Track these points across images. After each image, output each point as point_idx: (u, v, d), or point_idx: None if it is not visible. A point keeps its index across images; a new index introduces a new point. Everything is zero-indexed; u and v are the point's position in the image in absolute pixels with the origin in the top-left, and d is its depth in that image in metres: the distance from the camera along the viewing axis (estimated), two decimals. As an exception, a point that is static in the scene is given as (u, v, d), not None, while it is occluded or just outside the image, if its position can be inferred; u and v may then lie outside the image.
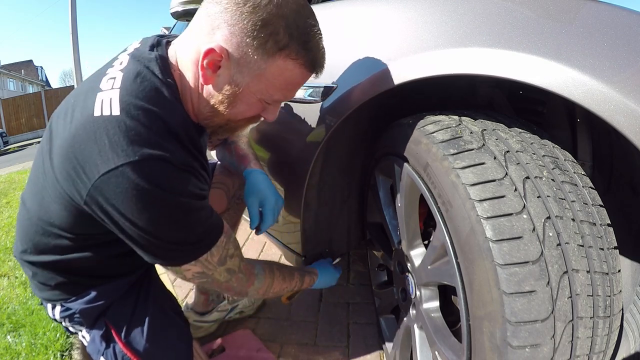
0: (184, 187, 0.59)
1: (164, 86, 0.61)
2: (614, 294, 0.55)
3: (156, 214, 0.57)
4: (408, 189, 0.78)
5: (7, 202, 3.23)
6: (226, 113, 0.67)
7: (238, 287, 0.76)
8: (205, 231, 0.65)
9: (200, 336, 1.22)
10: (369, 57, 0.74)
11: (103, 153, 0.54)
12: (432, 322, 0.78)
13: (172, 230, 0.60)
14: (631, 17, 0.53)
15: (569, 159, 0.62)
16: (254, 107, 0.67)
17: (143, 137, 0.55)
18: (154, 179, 0.55)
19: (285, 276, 0.88)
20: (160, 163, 0.56)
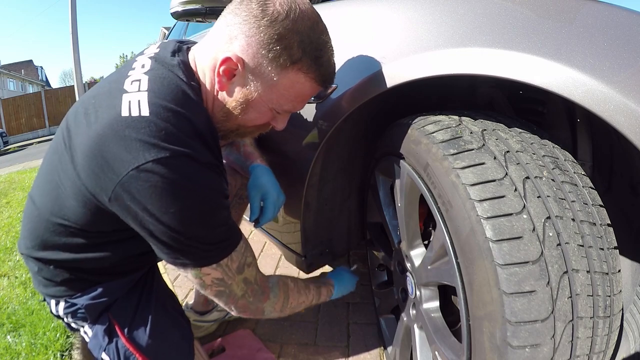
0: (211, 182, 0.62)
1: (190, 89, 0.64)
2: (614, 294, 0.55)
3: (182, 207, 0.58)
4: (408, 189, 0.78)
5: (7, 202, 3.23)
6: (238, 119, 0.70)
7: (254, 303, 0.75)
8: (228, 232, 0.66)
9: (200, 336, 1.22)
10: (369, 57, 0.74)
11: (133, 150, 0.56)
12: (432, 322, 0.78)
13: (196, 226, 0.61)
14: (631, 17, 0.53)
15: (569, 159, 0.62)
16: (265, 115, 0.70)
17: (172, 137, 0.57)
18: (183, 173, 0.57)
19: (300, 289, 0.87)
20: (188, 160, 0.58)
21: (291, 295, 0.83)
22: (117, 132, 0.57)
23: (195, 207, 0.59)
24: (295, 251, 1.13)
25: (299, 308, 0.86)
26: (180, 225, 0.59)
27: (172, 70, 0.65)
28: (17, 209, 2.88)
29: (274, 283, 0.80)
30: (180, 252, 0.62)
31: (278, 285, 0.81)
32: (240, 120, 0.70)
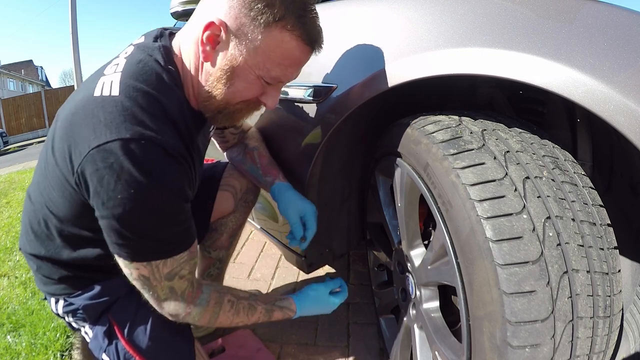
0: (170, 178, 0.59)
1: (164, 72, 0.63)
2: (614, 294, 0.55)
3: (131, 198, 0.56)
4: (408, 189, 0.78)
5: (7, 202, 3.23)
6: (224, 92, 0.66)
7: (172, 310, 0.70)
8: (173, 237, 0.64)
9: (200, 336, 1.22)
10: (369, 57, 0.74)
11: (97, 129, 0.55)
12: (432, 322, 0.78)
13: (140, 221, 0.59)
14: (631, 17, 0.53)
15: (569, 159, 0.62)
16: (252, 85, 0.66)
17: (138, 117, 0.56)
18: (143, 159, 0.55)
19: (240, 311, 0.78)
20: (151, 145, 0.56)
21: (222, 315, 0.76)
22: (86, 112, 0.57)
23: (144, 201, 0.57)
24: (295, 251, 1.13)
25: (235, 325, 0.80)
26: (124, 214, 0.57)
27: (150, 54, 0.64)
28: (17, 209, 2.88)
29: (204, 300, 0.73)
30: (116, 238, 0.60)
31: (208, 304, 0.73)
32: (227, 95, 0.66)
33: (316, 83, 0.86)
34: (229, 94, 0.66)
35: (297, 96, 0.92)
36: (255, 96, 0.69)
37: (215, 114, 0.71)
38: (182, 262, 0.66)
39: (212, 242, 1.12)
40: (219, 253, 1.14)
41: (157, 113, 0.58)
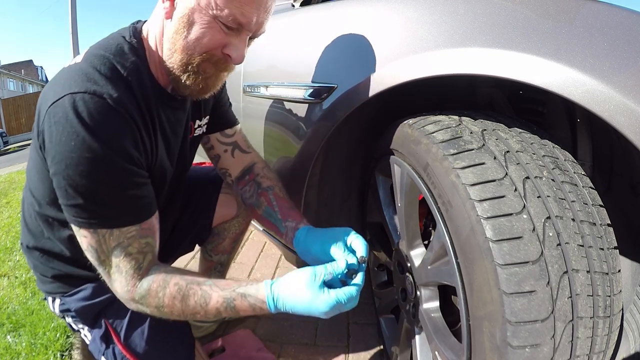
0: (109, 132, 0.58)
1: (126, 43, 0.66)
2: (614, 294, 0.55)
3: (70, 149, 0.56)
4: (408, 189, 0.78)
5: (7, 202, 3.23)
6: (184, 43, 0.63)
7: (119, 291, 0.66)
8: (115, 202, 0.61)
9: (200, 336, 1.22)
10: (368, 57, 0.74)
11: (56, 91, 0.58)
12: (432, 322, 0.78)
13: (79, 175, 0.57)
14: (631, 17, 0.53)
15: (569, 159, 0.62)
16: (211, 30, 0.62)
17: (90, 76, 0.59)
18: (82, 113, 0.56)
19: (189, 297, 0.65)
20: (96, 98, 0.57)
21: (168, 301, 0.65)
22: (52, 81, 0.62)
23: (83, 153, 0.56)
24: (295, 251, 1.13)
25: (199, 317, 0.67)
26: (67, 169, 0.57)
27: (119, 32, 0.68)
28: (17, 209, 2.88)
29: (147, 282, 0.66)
30: (65, 201, 0.60)
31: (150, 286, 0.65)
32: (188, 45, 0.63)
33: (316, 83, 0.86)
34: (189, 44, 0.63)
35: (297, 96, 0.92)
36: (216, 45, 0.64)
37: (180, 75, 0.66)
38: (129, 236, 0.63)
39: (214, 246, 1.11)
40: (221, 257, 1.14)
41: (109, 73, 0.60)
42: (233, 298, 0.65)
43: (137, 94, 0.63)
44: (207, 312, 0.66)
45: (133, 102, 0.62)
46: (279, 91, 1.00)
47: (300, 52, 0.95)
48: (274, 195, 0.87)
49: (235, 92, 1.23)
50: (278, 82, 1.01)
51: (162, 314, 0.67)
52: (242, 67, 1.22)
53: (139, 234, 0.64)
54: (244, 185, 0.92)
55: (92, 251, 0.63)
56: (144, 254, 0.66)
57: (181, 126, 0.80)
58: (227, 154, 0.93)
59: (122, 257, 0.63)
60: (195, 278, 0.68)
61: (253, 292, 0.65)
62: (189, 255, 1.66)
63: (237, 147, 0.93)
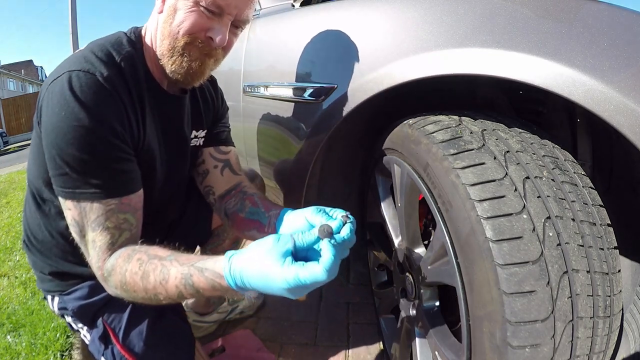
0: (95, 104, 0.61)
1: (125, 38, 0.71)
2: (614, 294, 0.55)
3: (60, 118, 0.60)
4: (408, 189, 0.78)
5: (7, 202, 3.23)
6: (170, 30, 0.67)
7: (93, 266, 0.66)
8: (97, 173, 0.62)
9: (200, 336, 1.22)
10: (369, 57, 0.74)
11: (58, 71, 0.63)
12: (432, 322, 0.78)
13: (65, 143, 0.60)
14: (631, 17, 0.53)
15: (569, 159, 0.62)
16: (193, 15, 0.66)
17: (88, 59, 0.64)
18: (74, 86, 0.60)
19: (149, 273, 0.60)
20: (89, 75, 0.62)
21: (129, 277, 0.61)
22: (57, 67, 0.66)
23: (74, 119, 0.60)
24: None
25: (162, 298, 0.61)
26: (56, 138, 0.61)
27: (121, 31, 0.74)
28: (17, 209, 2.88)
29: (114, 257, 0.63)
30: (53, 171, 0.63)
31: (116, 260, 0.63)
32: (173, 30, 0.67)
33: (316, 83, 0.86)
34: (174, 29, 0.67)
35: (297, 96, 0.92)
36: (199, 29, 0.67)
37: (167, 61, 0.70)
38: (108, 209, 0.63)
39: (214, 247, 1.11)
40: None
41: (105, 58, 0.65)
42: (191, 274, 0.57)
43: (129, 79, 0.67)
44: (168, 291, 0.59)
45: (123, 85, 0.66)
46: (279, 91, 1.00)
47: (301, 52, 0.95)
48: (259, 198, 0.84)
49: (235, 92, 1.23)
50: (278, 82, 1.01)
51: (129, 295, 0.63)
52: (242, 67, 1.22)
53: (118, 208, 0.65)
54: (228, 199, 0.87)
55: (75, 225, 0.65)
56: (121, 230, 0.65)
57: (180, 126, 0.81)
58: (216, 170, 0.89)
59: (99, 230, 0.64)
60: (158, 252, 0.62)
61: (210, 265, 0.57)
62: (189, 255, 1.65)
63: (228, 165, 0.90)
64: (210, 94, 0.90)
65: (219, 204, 0.89)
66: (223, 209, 0.87)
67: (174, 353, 0.79)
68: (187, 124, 0.83)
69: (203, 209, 1.00)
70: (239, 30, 0.73)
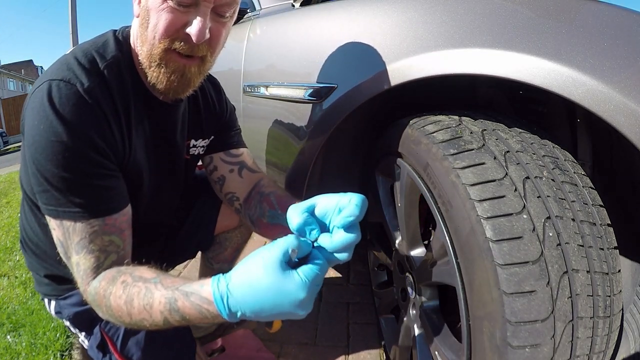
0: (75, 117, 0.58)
1: (113, 40, 0.67)
2: (614, 294, 0.55)
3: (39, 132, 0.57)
4: (408, 189, 0.78)
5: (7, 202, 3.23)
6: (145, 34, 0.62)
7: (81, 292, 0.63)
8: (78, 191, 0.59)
9: (200, 336, 1.22)
10: (369, 57, 0.74)
11: (41, 79, 0.61)
12: (432, 322, 0.78)
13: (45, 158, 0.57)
14: (631, 17, 0.53)
15: (569, 159, 0.62)
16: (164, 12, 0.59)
17: (70, 66, 0.61)
18: (54, 98, 0.57)
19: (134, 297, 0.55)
20: (70, 86, 0.58)
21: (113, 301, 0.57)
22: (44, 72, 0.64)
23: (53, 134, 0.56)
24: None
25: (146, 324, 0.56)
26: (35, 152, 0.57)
27: (110, 31, 0.70)
28: (17, 209, 2.88)
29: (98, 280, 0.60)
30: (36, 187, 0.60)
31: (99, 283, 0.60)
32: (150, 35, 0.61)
33: (316, 83, 0.86)
34: (149, 34, 0.61)
35: (297, 96, 0.92)
36: (174, 27, 0.60)
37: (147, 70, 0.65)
38: (92, 231, 0.60)
39: (215, 254, 1.09)
40: (222, 266, 1.12)
41: (87, 65, 0.62)
42: (175, 298, 0.52)
43: (112, 89, 0.63)
44: (153, 317, 0.54)
45: (106, 96, 0.62)
46: (279, 91, 1.00)
47: (301, 52, 0.95)
48: (275, 197, 0.79)
49: (235, 92, 1.23)
50: (278, 82, 1.01)
51: (116, 321, 0.59)
52: (242, 67, 1.22)
53: (102, 229, 0.61)
54: (250, 203, 0.83)
55: (60, 246, 0.62)
56: (107, 253, 0.61)
57: (172, 136, 0.77)
58: (233, 174, 0.84)
59: (83, 253, 0.60)
60: (144, 274, 0.58)
61: (196, 288, 0.51)
62: (189, 255, 1.65)
63: (245, 166, 0.85)
64: (212, 100, 0.85)
65: (244, 211, 0.84)
66: (248, 216, 0.82)
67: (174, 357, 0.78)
68: (182, 133, 0.79)
69: (205, 216, 0.99)
70: (225, 18, 0.63)
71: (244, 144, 0.90)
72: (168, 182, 0.82)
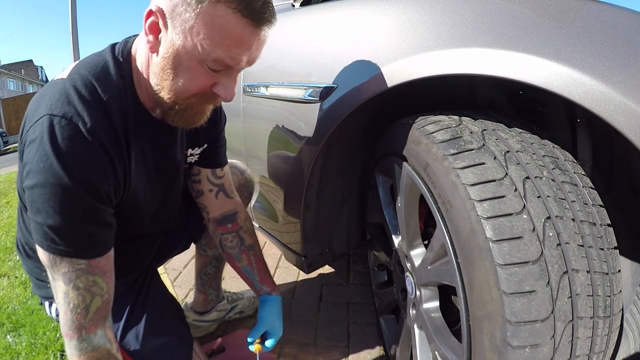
0: (81, 168, 0.57)
1: (113, 63, 0.64)
2: (614, 294, 0.55)
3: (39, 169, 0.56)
4: (408, 189, 0.78)
5: (7, 202, 3.23)
6: (170, 85, 0.62)
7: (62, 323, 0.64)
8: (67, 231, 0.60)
9: (200, 336, 1.22)
10: (369, 57, 0.74)
11: (39, 106, 0.59)
12: (432, 322, 0.78)
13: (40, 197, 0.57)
14: (631, 17, 0.53)
15: (569, 159, 0.62)
16: (198, 74, 0.61)
17: (70, 99, 0.59)
18: (55, 138, 0.56)
19: None
20: (71, 124, 0.57)
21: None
22: (40, 92, 0.62)
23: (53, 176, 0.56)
24: (295, 251, 1.13)
25: None
26: (33, 187, 0.57)
27: (110, 49, 0.67)
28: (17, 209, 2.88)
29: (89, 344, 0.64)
30: (31, 214, 0.60)
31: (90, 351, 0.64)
32: (175, 89, 0.62)
33: (316, 83, 0.86)
34: (177, 88, 0.62)
35: (297, 96, 0.92)
36: (204, 88, 0.63)
37: (168, 111, 0.66)
38: (78, 269, 0.62)
39: (208, 240, 1.12)
40: (215, 252, 1.14)
41: (88, 97, 0.60)
42: None
43: (115, 121, 0.62)
44: None
45: (109, 131, 0.60)
46: (279, 91, 1.00)
47: (300, 52, 0.95)
48: (255, 257, 0.94)
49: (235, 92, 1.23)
50: (278, 82, 1.01)
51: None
52: (242, 67, 1.22)
53: (87, 269, 0.63)
54: (225, 232, 0.94)
55: (48, 268, 0.63)
56: (92, 294, 0.64)
57: (172, 153, 0.78)
58: (211, 194, 0.92)
59: (71, 287, 0.62)
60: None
61: None
62: (189, 256, 1.66)
63: (222, 190, 0.93)
64: None
65: (213, 227, 0.95)
66: (218, 238, 0.95)
67: (172, 353, 0.79)
68: (181, 146, 0.80)
69: (193, 210, 0.99)
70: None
71: (226, 159, 0.94)
72: (171, 193, 0.84)
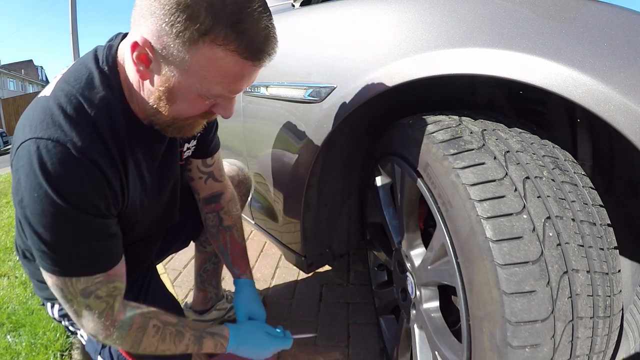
0: (77, 191, 0.55)
1: (98, 73, 0.60)
2: (614, 294, 0.55)
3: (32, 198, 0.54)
4: (408, 189, 0.78)
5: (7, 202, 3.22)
6: (169, 110, 0.59)
7: (91, 330, 0.65)
8: (77, 253, 0.59)
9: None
10: (369, 57, 0.74)
11: (25, 128, 0.56)
12: (432, 322, 0.78)
13: (40, 225, 0.55)
14: (631, 17, 0.53)
15: (569, 159, 0.62)
16: (197, 104, 0.59)
17: (56, 119, 0.55)
18: (44, 162, 0.53)
19: (166, 337, 0.71)
20: (59, 146, 0.53)
21: (146, 340, 0.69)
22: (27, 111, 0.59)
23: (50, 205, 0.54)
24: (295, 251, 1.13)
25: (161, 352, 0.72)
26: (28, 217, 0.55)
27: (93, 55, 0.62)
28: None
29: (126, 324, 0.67)
30: (32, 245, 0.58)
31: (130, 327, 0.68)
32: (172, 112, 0.60)
33: (316, 83, 0.86)
34: (175, 113, 0.60)
35: (297, 96, 0.92)
36: (204, 111, 0.62)
37: (164, 127, 0.65)
38: (97, 282, 0.61)
39: (206, 238, 1.12)
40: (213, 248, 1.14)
41: (74, 114, 0.56)
42: (202, 337, 0.76)
43: (106, 135, 0.58)
44: (177, 348, 0.73)
45: (100, 148, 0.57)
46: (279, 91, 1.00)
47: (300, 52, 0.95)
48: (230, 238, 0.97)
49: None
50: (278, 82, 1.01)
51: (133, 349, 0.70)
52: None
53: (106, 279, 0.63)
54: (209, 211, 0.98)
55: (58, 290, 0.61)
56: (114, 297, 0.65)
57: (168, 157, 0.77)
58: (201, 180, 0.95)
59: (92, 298, 0.62)
60: (168, 319, 0.73)
61: (218, 331, 0.79)
62: (189, 256, 1.66)
63: (211, 176, 0.96)
64: None
65: (202, 206, 0.99)
66: (204, 216, 1.00)
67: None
68: (175, 146, 0.79)
69: (191, 207, 1.00)
70: None
71: (218, 144, 0.95)
72: (171, 195, 0.84)
